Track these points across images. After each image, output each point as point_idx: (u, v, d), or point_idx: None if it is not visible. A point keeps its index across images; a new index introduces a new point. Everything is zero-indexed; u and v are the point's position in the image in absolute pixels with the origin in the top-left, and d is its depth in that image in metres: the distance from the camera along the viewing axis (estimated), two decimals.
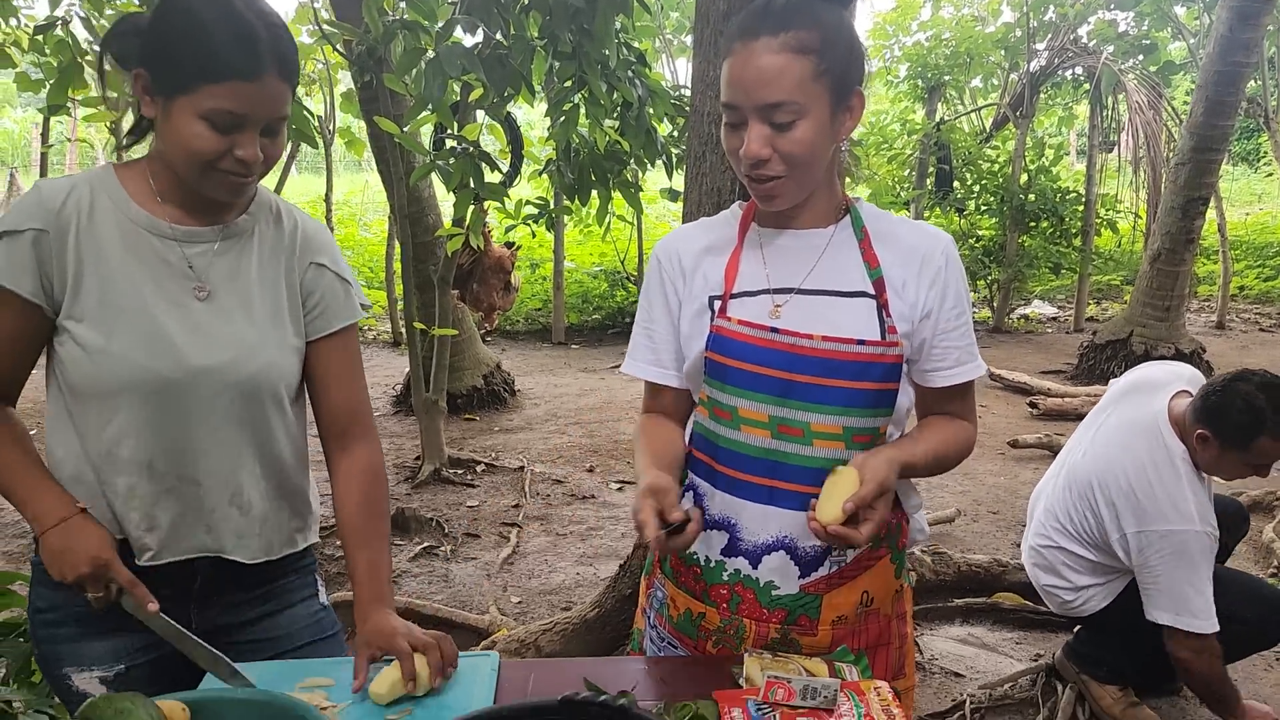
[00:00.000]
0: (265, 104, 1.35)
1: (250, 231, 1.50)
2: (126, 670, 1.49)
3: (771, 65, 1.29)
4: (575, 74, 3.92)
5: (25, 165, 19.66)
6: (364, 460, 1.59)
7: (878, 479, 1.30)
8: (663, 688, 1.39)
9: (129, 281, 1.41)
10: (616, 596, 3.23)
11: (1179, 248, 7.25)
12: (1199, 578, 2.52)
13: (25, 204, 1.40)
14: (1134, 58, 9.81)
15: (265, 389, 1.48)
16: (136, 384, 1.40)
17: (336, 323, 1.55)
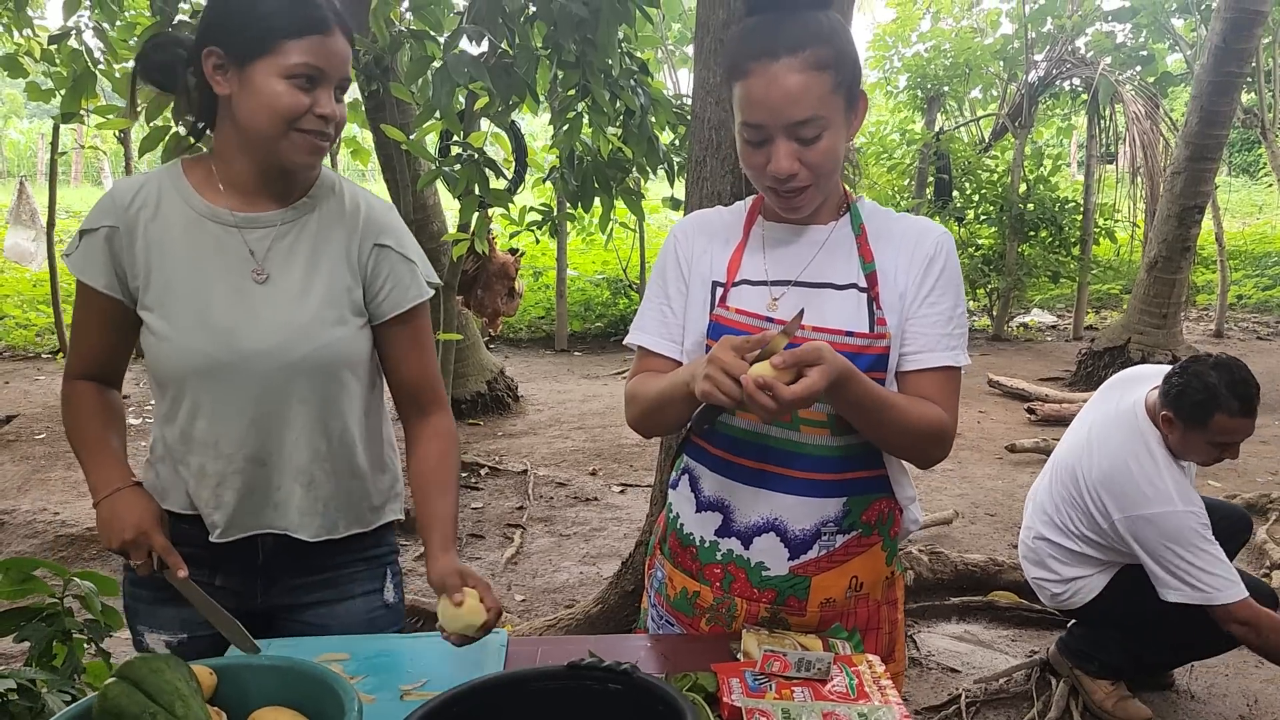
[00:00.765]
0: (339, 59, 1.42)
1: (311, 214, 1.53)
2: (188, 639, 1.59)
3: (797, 84, 1.34)
4: (579, 82, 3.99)
5: (32, 174, 19.77)
6: (436, 425, 1.62)
7: (818, 347, 1.27)
8: (664, 662, 1.45)
9: (189, 269, 1.48)
10: (619, 592, 3.30)
11: (1175, 255, 7.32)
12: (1202, 555, 2.57)
13: (101, 204, 1.51)
14: (1131, 69, 9.90)
15: (322, 369, 1.51)
16: (197, 368, 1.48)
17: (404, 304, 1.56)
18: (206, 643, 1.55)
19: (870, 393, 1.37)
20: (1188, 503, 2.61)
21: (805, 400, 1.25)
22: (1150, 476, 2.64)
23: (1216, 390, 2.57)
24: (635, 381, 1.58)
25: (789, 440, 1.48)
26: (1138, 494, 2.64)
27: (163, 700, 1.07)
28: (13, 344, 8.77)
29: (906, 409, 1.43)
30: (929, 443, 1.47)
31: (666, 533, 1.66)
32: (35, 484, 5.07)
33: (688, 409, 1.44)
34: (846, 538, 1.51)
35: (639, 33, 4.58)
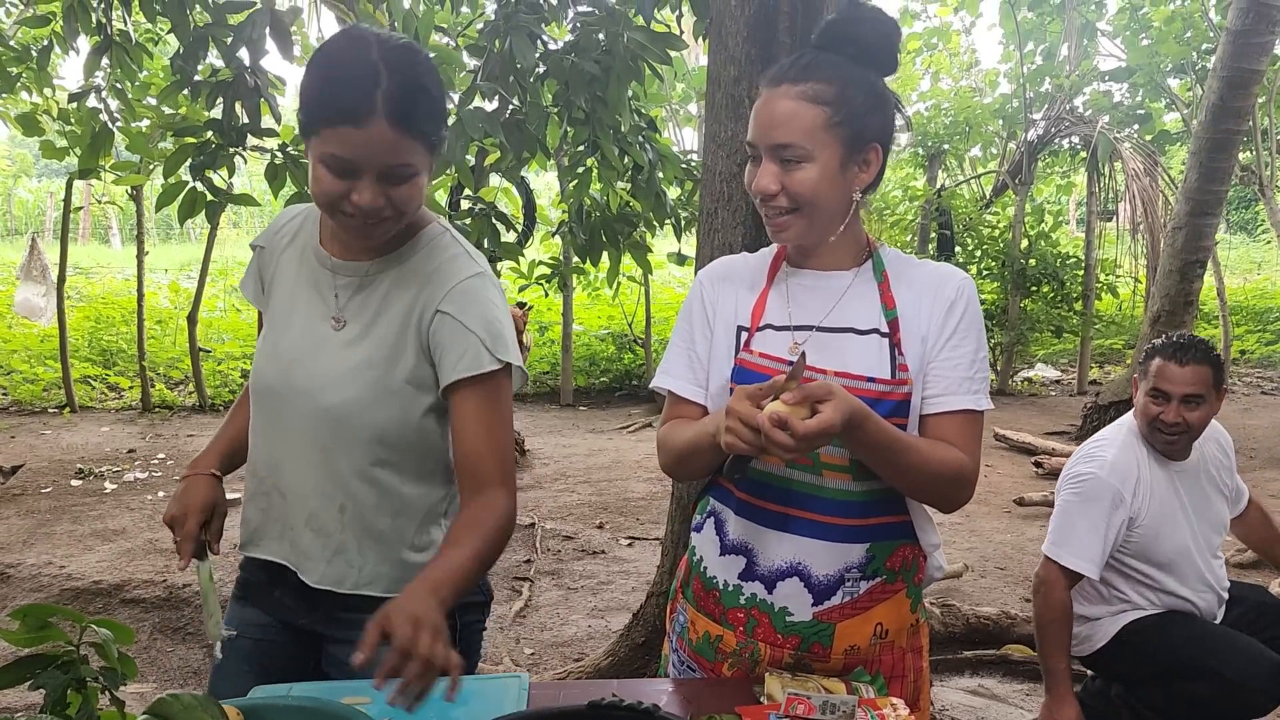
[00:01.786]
0: (375, 151, 1.36)
1: (392, 269, 1.54)
2: (238, 637, 1.66)
3: (785, 109, 1.42)
4: (589, 138, 4.06)
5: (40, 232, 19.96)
6: (486, 500, 1.49)
7: (827, 383, 1.29)
8: (687, 705, 1.44)
9: (291, 301, 1.59)
10: (629, 645, 3.27)
11: (1178, 310, 7.35)
12: (1085, 518, 2.65)
13: (269, 226, 1.69)
14: (1129, 127, 10.04)
15: (348, 423, 1.51)
16: (260, 390, 1.59)
17: (455, 373, 1.49)
18: (249, 646, 1.65)
19: (887, 435, 1.37)
20: (1117, 475, 2.67)
21: (821, 435, 1.26)
22: (1102, 446, 2.76)
23: (1164, 341, 2.75)
24: (666, 429, 1.60)
25: (811, 484, 1.48)
26: (1079, 455, 2.79)
27: None
28: (19, 399, 8.78)
29: (926, 452, 1.43)
30: (949, 486, 1.47)
31: (690, 576, 1.65)
32: (41, 537, 5.05)
33: (715, 458, 1.46)
34: (871, 584, 1.51)
35: (647, 90, 4.67)
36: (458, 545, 1.43)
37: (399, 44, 1.40)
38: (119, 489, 6.10)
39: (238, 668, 1.63)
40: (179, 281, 13.11)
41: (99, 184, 8.85)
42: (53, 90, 5.58)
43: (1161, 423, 2.67)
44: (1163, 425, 2.67)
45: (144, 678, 3.63)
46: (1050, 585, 2.67)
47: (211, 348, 9.69)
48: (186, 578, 4.33)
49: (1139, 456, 2.73)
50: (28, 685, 1.95)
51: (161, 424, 8.15)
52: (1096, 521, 2.64)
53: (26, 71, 5.03)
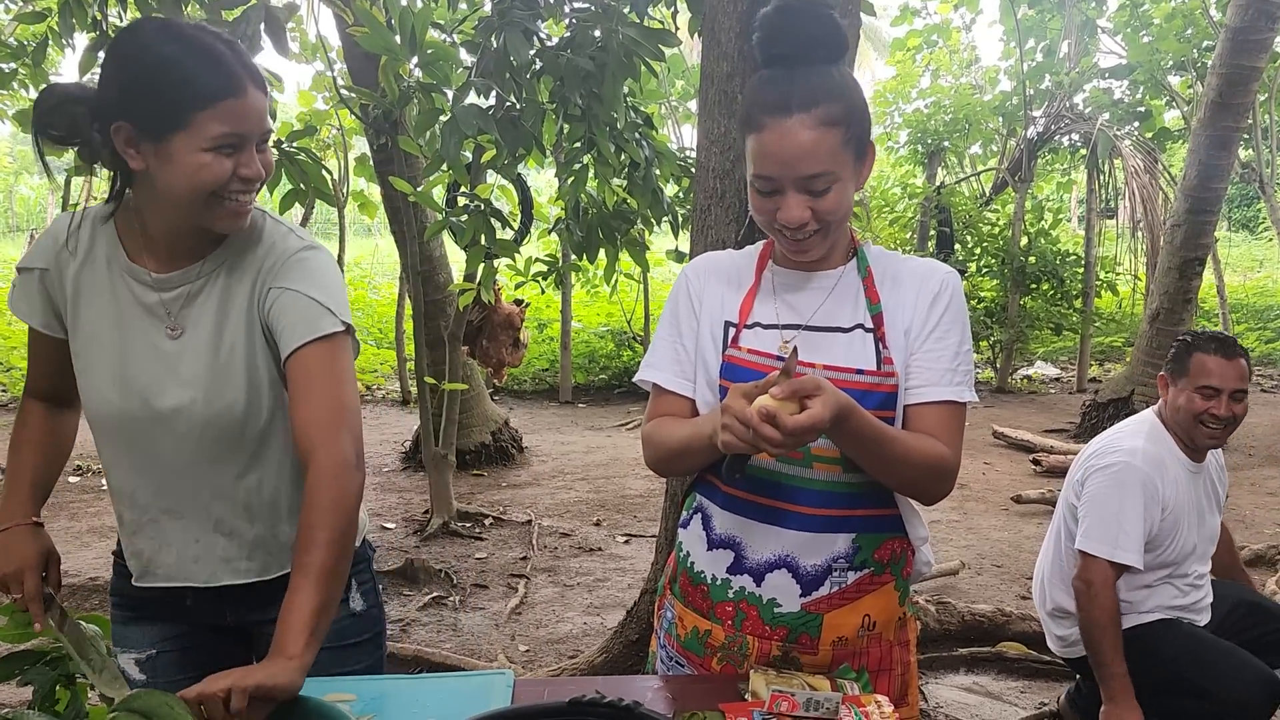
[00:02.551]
0: (256, 117, 1.37)
1: (222, 267, 1.49)
2: (156, 655, 1.61)
3: (809, 140, 1.37)
4: (585, 135, 4.06)
5: (42, 228, 19.96)
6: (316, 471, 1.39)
7: (815, 378, 1.30)
8: (671, 702, 1.44)
9: (108, 322, 1.48)
10: (624, 642, 3.27)
11: (1177, 307, 7.35)
12: (1126, 507, 2.58)
13: (40, 242, 1.52)
14: (1129, 124, 10.02)
15: (235, 425, 1.48)
16: (112, 420, 1.49)
17: (296, 339, 1.44)
18: (173, 657, 1.60)
19: (873, 428, 1.38)
20: (1152, 465, 2.62)
21: (810, 429, 1.26)
22: (1127, 436, 2.72)
23: (1195, 336, 2.72)
24: (653, 425, 1.60)
25: (800, 476, 1.49)
26: (1103, 447, 2.73)
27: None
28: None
29: (908, 443, 1.44)
30: (931, 478, 1.48)
31: (677, 572, 1.65)
32: None
33: (709, 457, 1.46)
34: (858, 575, 1.51)
35: (644, 87, 4.67)
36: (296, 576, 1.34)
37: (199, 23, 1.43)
38: None
39: (170, 681, 1.57)
40: None
41: (98, 181, 8.84)
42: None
43: (1213, 417, 2.62)
44: (1214, 420, 2.63)
45: None
46: (1099, 585, 2.57)
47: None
48: None
49: (1168, 448, 2.70)
50: (16, 681, 1.96)
51: None
52: (1137, 509, 2.57)
53: (23, 67, 5.02)
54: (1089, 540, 2.60)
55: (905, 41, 11.51)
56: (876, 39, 17.22)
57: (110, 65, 1.38)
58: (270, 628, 1.51)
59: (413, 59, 3.92)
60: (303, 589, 1.32)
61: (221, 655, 1.59)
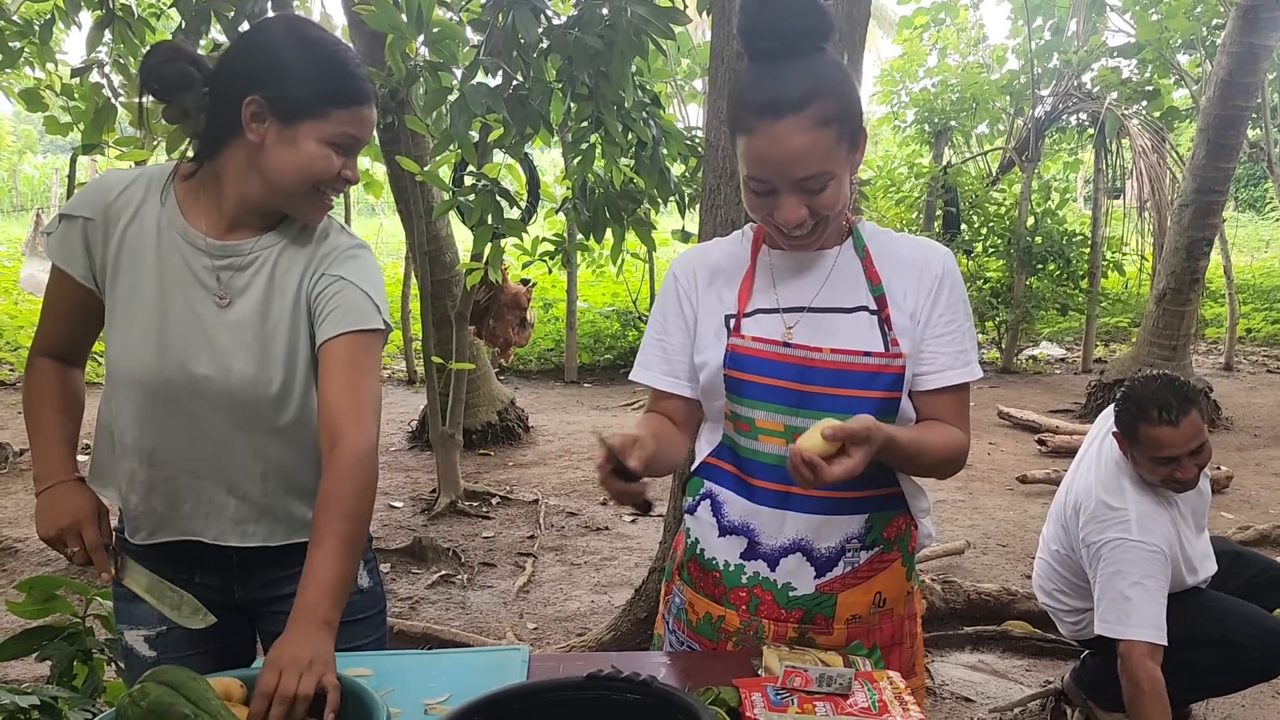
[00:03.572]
0: (369, 128, 1.50)
1: (276, 246, 1.53)
2: (167, 631, 1.61)
3: (801, 144, 1.35)
4: (592, 114, 4.05)
5: (46, 208, 19.97)
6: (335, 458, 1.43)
7: (863, 422, 1.31)
8: (685, 678, 1.46)
9: (156, 283, 1.49)
10: (632, 620, 3.30)
11: (1184, 288, 7.34)
12: (1139, 588, 2.50)
13: (86, 192, 1.53)
14: (1137, 103, 9.97)
15: (267, 399, 1.51)
16: (145, 380, 1.50)
17: (340, 326, 1.49)
18: (183, 633, 1.58)
19: (907, 448, 1.43)
20: (1145, 534, 2.55)
21: (844, 478, 1.30)
22: (1111, 504, 2.62)
23: (1137, 402, 2.56)
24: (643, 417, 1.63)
25: None
26: (1097, 520, 2.63)
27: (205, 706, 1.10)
28: None
29: (936, 445, 1.49)
30: (952, 465, 1.54)
31: (685, 558, 1.65)
32: None
33: None
34: (870, 554, 1.53)
35: (651, 66, 4.65)
36: (321, 546, 1.37)
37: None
38: None
39: (178, 656, 1.58)
40: None
41: (103, 160, 8.83)
42: (55, 65, 5.56)
43: (1178, 481, 2.56)
44: (1176, 483, 2.57)
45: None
46: (1140, 665, 2.46)
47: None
48: None
49: (1148, 499, 2.62)
50: (34, 656, 1.99)
51: None
52: (1154, 588, 2.51)
53: (29, 46, 5.01)
54: (1121, 626, 2.51)
55: (912, 20, 11.42)
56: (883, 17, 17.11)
57: (259, 43, 1.47)
58: (277, 606, 1.58)
59: (419, 37, 3.91)
60: (330, 557, 1.36)
61: (229, 633, 1.64)
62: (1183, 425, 2.50)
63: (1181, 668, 2.71)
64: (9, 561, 4.41)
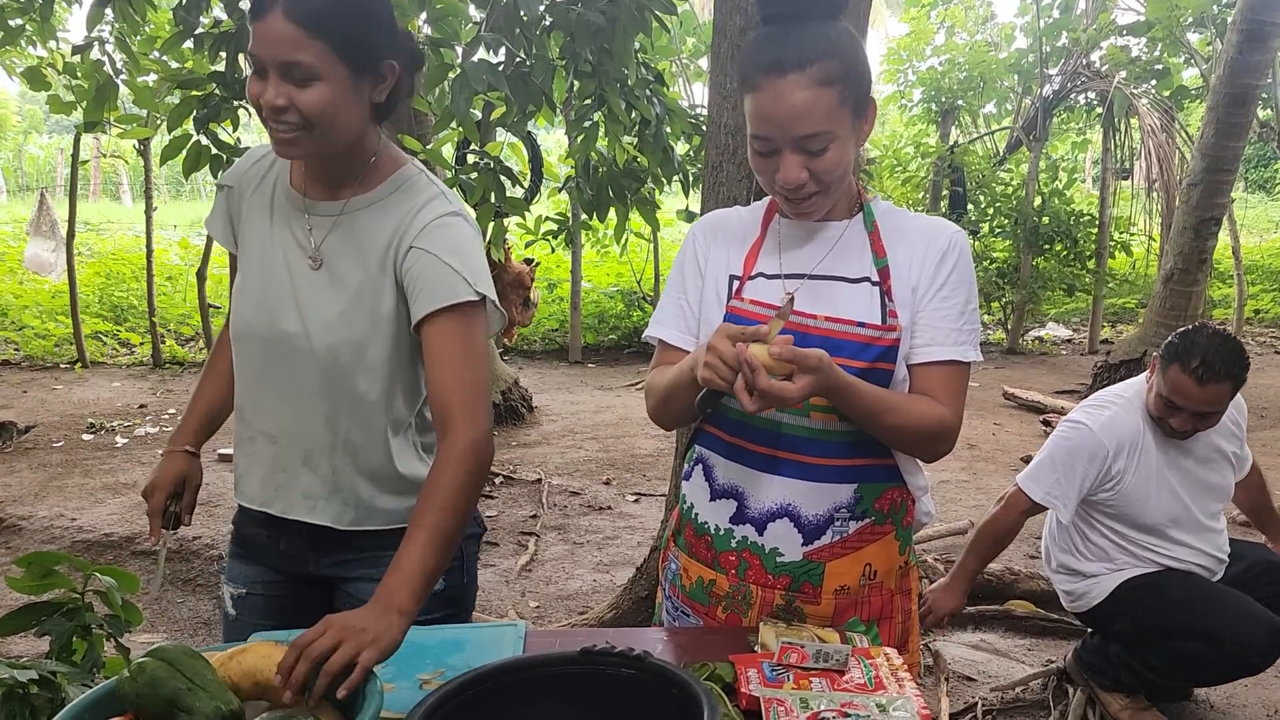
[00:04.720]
0: (271, 45, 1.34)
1: (367, 209, 1.52)
2: (246, 595, 1.69)
3: (803, 101, 1.36)
4: (595, 92, 4.02)
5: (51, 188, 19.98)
6: (446, 448, 1.44)
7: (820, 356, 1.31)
8: (681, 654, 1.46)
9: (264, 244, 1.56)
10: (633, 598, 3.30)
11: (1192, 268, 7.29)
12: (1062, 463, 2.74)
13: (236, 163, 1.65)
14: (1146, 82, 9.88)
15: (342, 363, 1.50)
16: (244, 338, 1.57)
17: (431, 304, 1.46)
18: (261, 601, 1.68)
19: (869, 399, 1.41)
20: (1104, 432, 2.71)
21: (778, 400, 1.31)
22: (1106, 401, 2.81)
23: (1191, 344, 2.59)
24: (654, 374, 1.62)
25: (800, 425, 1.49)
26: (1086, 404, 2.86)
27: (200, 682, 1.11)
28: (31, 354, 8.84)
29: (908, 410, 1.46)
30: (931, 440, 1.50)
31: (682, 524, 1.67)
32: (52, 490, 5.10)
33: (694, 396, 1.45)
34: (859, 524, 1.53)
35: (655, 43, 4.62)
36: (413, 535, 1.36)
37: None
38: (130, 443, 6.15)
39: (253, 622, 1.65)
40: (189, 238, 13.12)
41: (107, 139, 8.82)
42: (57, 43, 5.54)
43: (1169, 426, 2.68)
44: (1170, 429, 2.69)
45: (154, 628, 3.68)
46: (1011, 507, 2.82)
47: (221, 304, 9.70)
48: (196, 530, 4.38)
49: (1140, 423, 2.74)
50: (33, 632, 1.99)
51: (172, 380, 8.19)
52: (1072, 468, 2.72)
53: (30, 23, 4.99)
54: (1025, 475, 2.83)
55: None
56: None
57: None
58: (354, 588, 1.63)
59: (421, 14, 3.87)
60: (418, 547, 1.34)
61: (304, 609, 1.61)
62: (1207, 389, 2.57)
63: (1170, 658, 2.72)
64: (13, 539, 4.42)
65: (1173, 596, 2.70)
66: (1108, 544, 2.81)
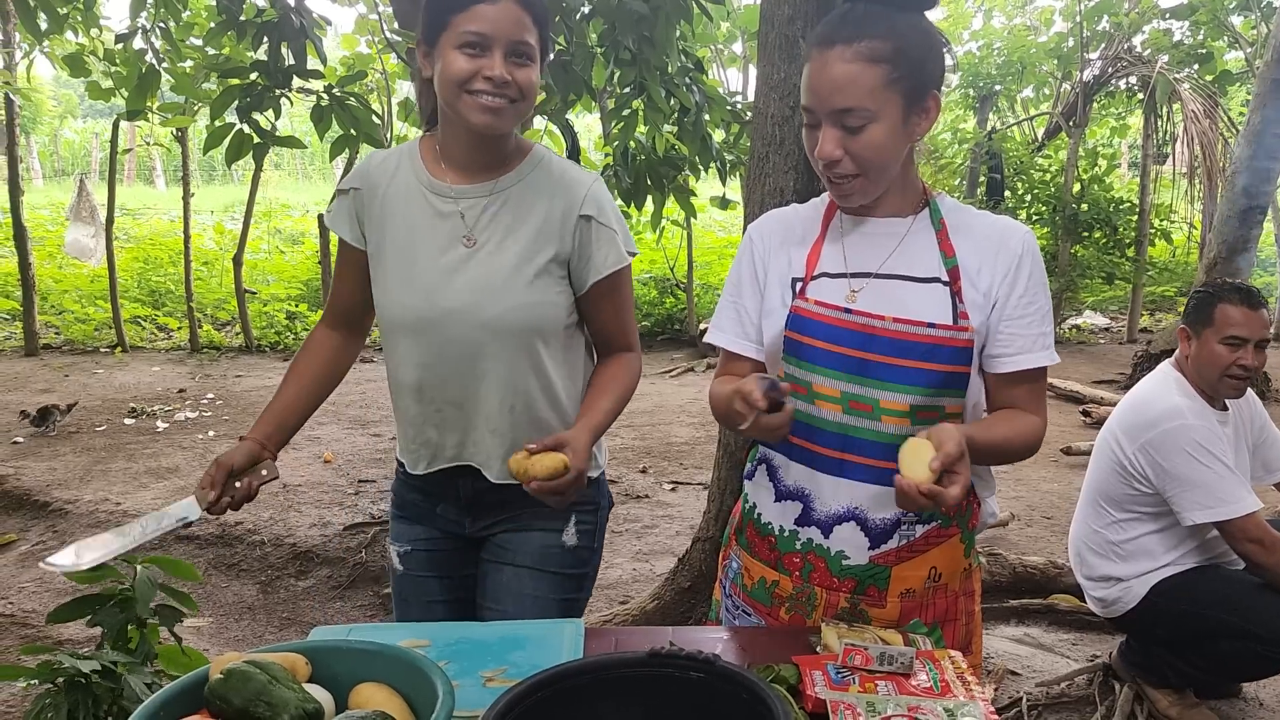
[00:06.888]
0: (505, 25, 1.53)
1: (517, 185, 1.67)
2: (411, 551, 1.86)
3: (844, 73, 1.36)
4: (635, 79, 4.00)
5: (88, 172, 20.19)
6: (621, 357, 1.77)
7: (954, 439, 1.31)
8: (743, 654, 1.45)
9: (409, 233, 1.67)
10: (675, 589, 3.29)
11: (1235, 256, 7.15)
12: (1213, 467, 2.56)
13: (356, 169, 1.77)
14: (1189, 67, 9.71)
15: (511, 329, 1.64)
16: (405, 320, 1.67)
17: (604, 270, 1.67)
18: (424, 556, 1.85)
19: (986, 443, 1.45)
20: (1200, 418, 2.62)
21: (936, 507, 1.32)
22: (1159, 397, 2.71)
23: (1217, 287, 2.69)
24: (715, 382, 1.63)
25: (870, 430, 1.47)
26: (1145, 421, 2.69)
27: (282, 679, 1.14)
28: (72, 338, 8.96)
29: (1017, 439, 1.50)
30: (1027, 454, 1.55)
31: (744, 523, 1.66)
32: (97, 475, 5.17)
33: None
34: (927, 528, 1.51)
35: (696, 30, 4.58)
36: (602, 393, 1.70)
37: None
38: (170, 428, 6.22)
39: (419, 572, 1.87)
40: (224, 223, 13.23)
41: (144, 126, 8.89)
42: (99, 31, 5.58)
43: (1240, 367, 2.63)
44: (1240, 370, 2.63)
45: (200, 613, 3.72)
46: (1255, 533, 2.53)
47: (256, 289, 9.79)
48: (239, 515, 4.42)
49: (1197, 400, 2.71)
50: (86, 623, 2.01)
51: (210, 364, 8.28)
52: (1223, 468, 2.57)
53: (73, 12, 5.02)
54: (1216, 510, 2.55)
55: None
56: None
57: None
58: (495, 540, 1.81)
59: None
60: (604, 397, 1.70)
61: (458, 562, 1.85)
62: (1258, 312, 2.62)
63: (1212, 658, 2.68)
64: (60, 523, 4.49)
65: (1208, 598, 2.65)
66: (1156, 535, 2.75)
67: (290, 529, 4.36)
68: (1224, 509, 2.55)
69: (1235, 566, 2.74)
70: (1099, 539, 2.85)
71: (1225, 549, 2.71)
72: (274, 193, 16.39)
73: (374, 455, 5.62)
